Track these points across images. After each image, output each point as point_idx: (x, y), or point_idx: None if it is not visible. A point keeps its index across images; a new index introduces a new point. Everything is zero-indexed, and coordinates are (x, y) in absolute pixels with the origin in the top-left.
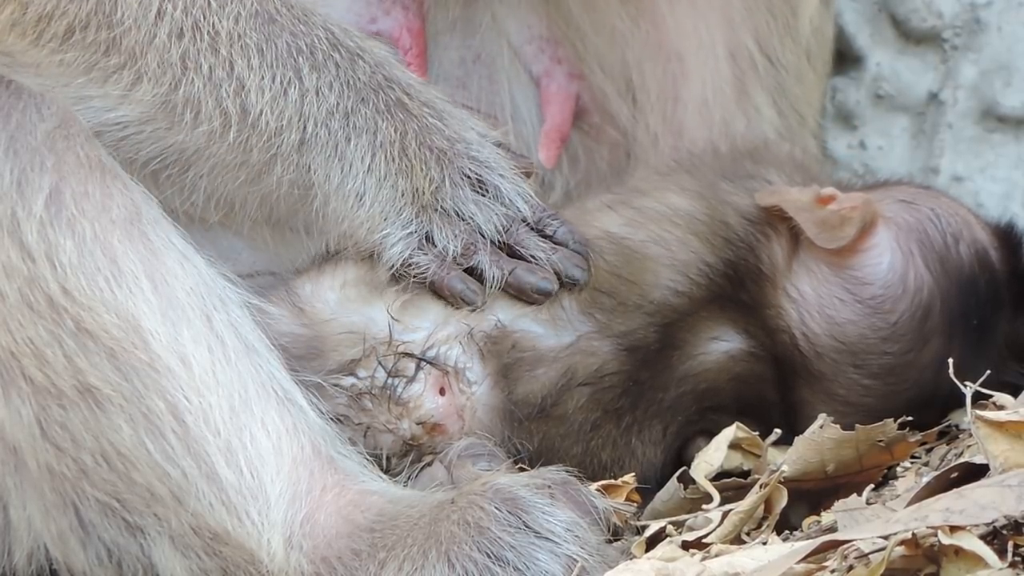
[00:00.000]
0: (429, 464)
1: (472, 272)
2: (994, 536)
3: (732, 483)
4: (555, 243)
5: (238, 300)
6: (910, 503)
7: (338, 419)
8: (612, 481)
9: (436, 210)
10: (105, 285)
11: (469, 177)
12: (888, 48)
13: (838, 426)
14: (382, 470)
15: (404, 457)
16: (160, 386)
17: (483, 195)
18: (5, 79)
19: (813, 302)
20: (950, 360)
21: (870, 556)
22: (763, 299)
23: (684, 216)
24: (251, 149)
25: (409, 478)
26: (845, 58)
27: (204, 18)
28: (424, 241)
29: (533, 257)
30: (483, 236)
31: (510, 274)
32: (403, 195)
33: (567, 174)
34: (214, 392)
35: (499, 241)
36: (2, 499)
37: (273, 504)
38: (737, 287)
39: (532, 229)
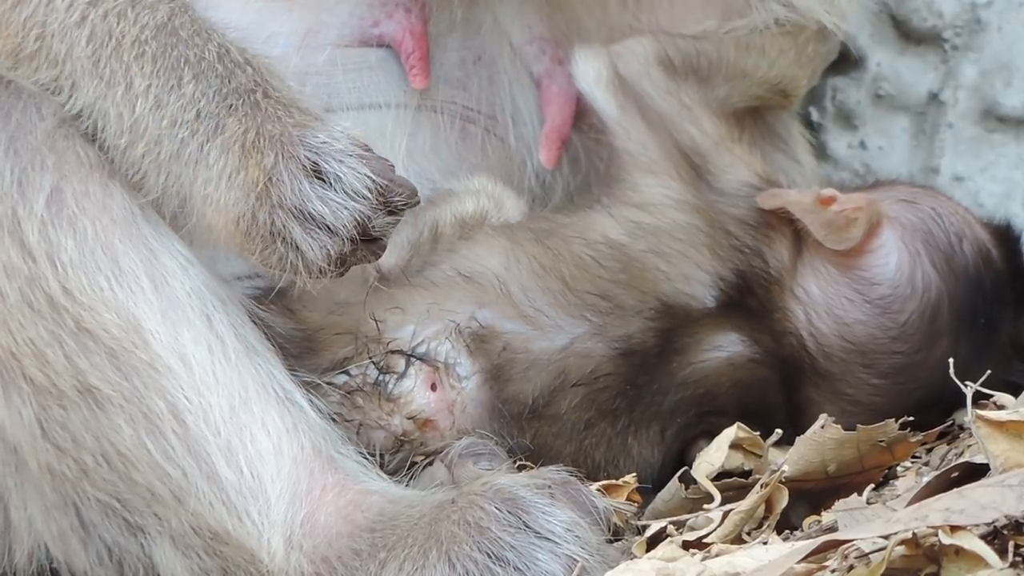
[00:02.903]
0: (430, 463)
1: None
2: (995, 536)
3: (733, 483)
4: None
5: (237, 300)
6: (910, 503)
7: (332, 417)
8: (613, 481)
9: (282, 208)
10: (106, 284)
11: (305, 166)
12: (888, 48)
13: (839, 426)
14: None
15: (396, 453)
16: (160, 386)
17: (324, 186)
18: (4, 79)
19: (821, 302)
20: (950, 360)
21: (870, 556)
22: (771, 302)
23: (684, 226)
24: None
25: (410, 477)
26: (845, 58)
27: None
28: (284, 247)
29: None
30: (335, 235)
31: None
32: (247, 193)
33: (567, 175)
34: (214, 392)
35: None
36: (3, 499)
37: (273, 504)
38: (745, 293)
39: (380, 212)
